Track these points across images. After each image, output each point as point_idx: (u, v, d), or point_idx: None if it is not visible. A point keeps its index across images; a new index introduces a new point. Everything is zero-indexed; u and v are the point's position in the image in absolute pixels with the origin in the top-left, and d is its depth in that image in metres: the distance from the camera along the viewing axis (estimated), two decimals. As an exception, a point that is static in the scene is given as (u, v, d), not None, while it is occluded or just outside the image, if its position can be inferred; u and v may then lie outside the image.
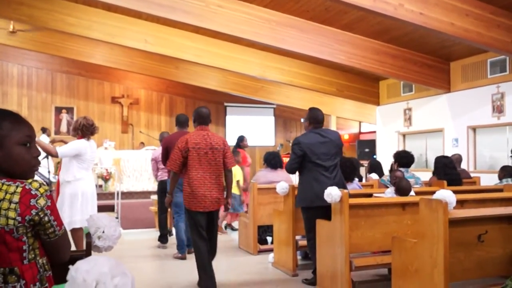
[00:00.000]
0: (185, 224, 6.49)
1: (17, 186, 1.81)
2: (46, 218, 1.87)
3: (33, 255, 1.90)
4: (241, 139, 9.81)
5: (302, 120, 5.34)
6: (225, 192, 5.20)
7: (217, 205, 5.09)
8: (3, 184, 1.80)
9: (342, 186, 5.08)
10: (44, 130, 13.17)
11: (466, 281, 3.61)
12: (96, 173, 12.13)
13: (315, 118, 5.33)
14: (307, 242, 5.37)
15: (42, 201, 1.85)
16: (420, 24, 7.09)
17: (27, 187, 1.83)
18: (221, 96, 16.38)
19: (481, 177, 7.87)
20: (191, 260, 6.59)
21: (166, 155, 6.43)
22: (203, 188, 4.96)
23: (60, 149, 5.54)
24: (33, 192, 1.83)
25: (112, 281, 1.39)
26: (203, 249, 5.01)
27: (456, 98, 10.67)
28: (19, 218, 1.79)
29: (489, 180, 8.27)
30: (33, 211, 1.82)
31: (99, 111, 16.62)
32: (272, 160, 7.59)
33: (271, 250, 6.58)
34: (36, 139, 5.35)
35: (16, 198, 1.79)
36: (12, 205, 1.78)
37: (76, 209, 5.51)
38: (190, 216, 5.07)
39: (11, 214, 1.78)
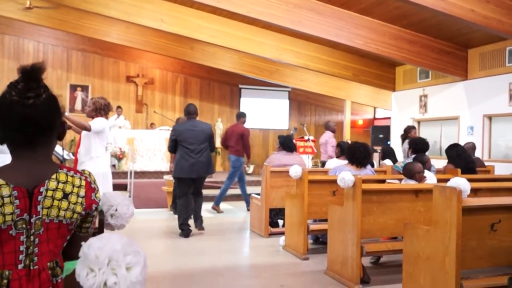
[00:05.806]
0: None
1: (80, 179, 1.75)
2: (96, 213, 1.83)
3: None
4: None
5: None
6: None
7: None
8: (67, 175, 1.72)
9: (207, 166, 6.93)
10: None
11: (477, 269, 3.59)
12: (110, 152, 12.19)
13: (187, 110, 7.12)
14: (175, 202, 7.76)
15: (99, 195, 1.81)
16: (440, 10, 6.97)
17: (88, 179, 1.77)
18: (236, 78, 16.33)
19: (495, 166, 7.79)
20: (201, 240, 6.66)
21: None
22: None
23: (92, 124, 5.46)
24: (92, 186, 1.78)
25: (124, 259, 1.38)
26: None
27: (473, 86, 10.54)
28: (83, 212, 1.73)
29: (504, 169, 8.19)
30: (94, 206, 1.77)
31: (113, 90, 16.64)
32: (289, 143, 7.63)
33: (282, 233, 6.61)
34: (67, 114, 5.29)
35: (82, 192, 1.73)
36: (79, 199, 1.71)
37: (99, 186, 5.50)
38: None
39: (78, 208, 1.71)
